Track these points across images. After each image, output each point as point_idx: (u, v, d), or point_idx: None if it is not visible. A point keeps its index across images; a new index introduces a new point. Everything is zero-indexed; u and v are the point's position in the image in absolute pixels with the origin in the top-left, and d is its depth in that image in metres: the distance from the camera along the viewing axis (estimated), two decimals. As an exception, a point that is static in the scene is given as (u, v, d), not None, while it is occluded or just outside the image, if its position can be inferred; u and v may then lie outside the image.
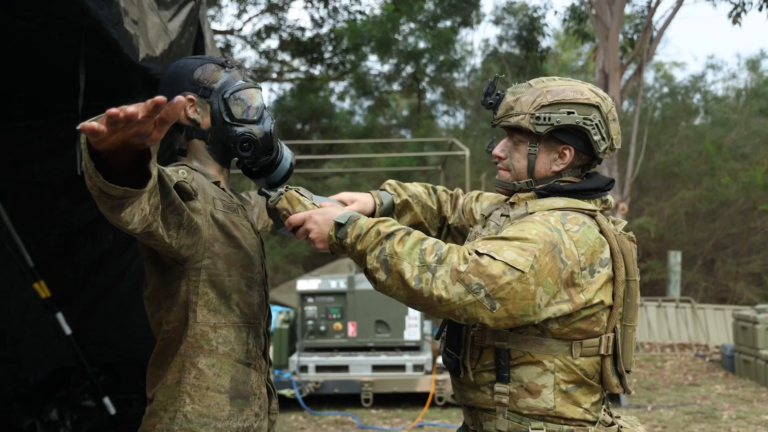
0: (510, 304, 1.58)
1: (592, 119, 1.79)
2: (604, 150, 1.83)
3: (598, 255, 1.72)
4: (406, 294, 1.60)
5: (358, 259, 1.67)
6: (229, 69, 1.96)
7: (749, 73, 19.20)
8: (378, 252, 1.63)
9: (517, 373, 1.76)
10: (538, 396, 1.74)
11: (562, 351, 1.73)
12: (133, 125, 1.19)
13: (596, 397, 1.80)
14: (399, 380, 6.58)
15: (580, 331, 1.73)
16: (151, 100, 1.16)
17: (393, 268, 1.60)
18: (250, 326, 1.91)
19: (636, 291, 1.79)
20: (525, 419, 1.76)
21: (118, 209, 1.40)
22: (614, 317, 1.76)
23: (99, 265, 5.09)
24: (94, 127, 1.16)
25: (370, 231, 1.66)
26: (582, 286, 1.69)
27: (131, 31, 2.38)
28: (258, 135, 1.95)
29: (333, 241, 1.73)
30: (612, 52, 11.46)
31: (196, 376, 1.82)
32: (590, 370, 1.76)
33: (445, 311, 1.58)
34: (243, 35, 17.30)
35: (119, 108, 1.15)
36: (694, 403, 6.74)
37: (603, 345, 1.75)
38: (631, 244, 1.82)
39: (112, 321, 5.08)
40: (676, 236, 13.75)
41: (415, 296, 1.59)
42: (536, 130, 1.79)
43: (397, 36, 16.98)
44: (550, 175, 1.85)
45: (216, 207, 1.84)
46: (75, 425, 5.01)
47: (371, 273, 1.64)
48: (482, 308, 1.57)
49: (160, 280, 1.84)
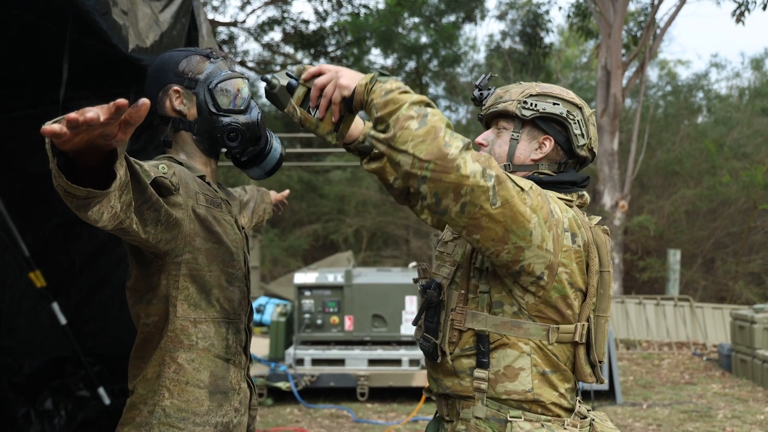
0: (509, 209, 1.61)
1: (574, 115, 1.89)
2: (582, 146, 1.90)
3: (575, 228, 1.77)
4: (429, 149, 1.57)
5: (383, 105, 1.64)
6: (215, 60, 1.97)
7: (753, 72, 19.16)
8: (421, 107, 1.62)
9: (496, 357, 1.78)
10: (516, 379, 1.76)
11: (539, 335, 1.76)
12: (97, 127, 1.19)
13: (569, 385, 1.83)
14: (395, 374, 6.59)
15: (555, 312, 1.76)
16: (113, 102, 1.15)
17: (429, 123, 1.59)
18: (230, 322, 1.91)
19: (609, 282, 1.83)
20: (503, 407, 1.77)
21: (84, 208, 1.41)
22: (587, 306, 1.80)
23: (95, 256, 5.09)
24: (55, 130, 1.16)
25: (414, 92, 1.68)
26: (562, 245, 1.73)
27: (120, 22, 2.37)
28: (244, 124, 1.95)
29: (366, 81, 1.71)
30: (615, 49, 11.44)
31: (175, 371, 1.82)
32: (562, 357, 1.79)
33: (453, 181, 1.57)
34: (246, 27, 17.30)
35: (79, 112, 1.15)
36: (689, 402, 6.74)
37: (578, 332, 1.78)
38: (605, 236, 1.86)
39: (107, 312, 5.08)
40: (676, 235, 13.74)
41: (437, 153, 1.56)
42: (522, 114, 1.87)
43: (400, 30, 16.96)
44: (529, 163, 1.90)
45: (198, 202, 1.84)
46: (69, 415, 5.02)
47: (403, 119, 1.60)
48: (486, 198, 1.58)
49: (140, 273, 1.84)
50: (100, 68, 3.61)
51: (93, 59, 3.25)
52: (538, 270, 1.71)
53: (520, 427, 1.74)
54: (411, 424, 5.92)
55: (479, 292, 1.80)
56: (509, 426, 1.74)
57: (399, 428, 5.77)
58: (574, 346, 1.80)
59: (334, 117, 1.79)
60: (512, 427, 1.74)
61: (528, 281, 1.73)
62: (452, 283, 1.86)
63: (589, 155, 1.94)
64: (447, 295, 1.85)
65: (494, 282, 1.78)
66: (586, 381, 1.82)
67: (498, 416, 1.77)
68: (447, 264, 1.91)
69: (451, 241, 1.95)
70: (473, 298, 1.81)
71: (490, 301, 1.78)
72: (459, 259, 1.86)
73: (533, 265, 1.70)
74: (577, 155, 1.91)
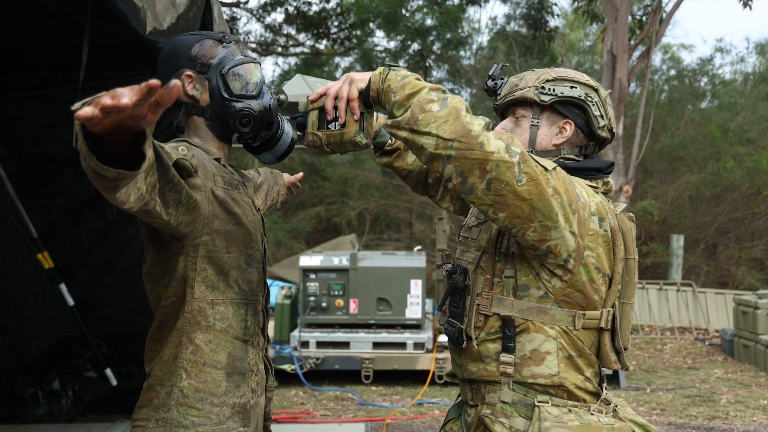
0: (534, 186, 1.62)
1: (592, 97, 1.91)
2: (602, 127, 1.91)
3: (603, 213, 1.78)
4: (453, 128, 1.59)
5: (401, 88, 1.67)
6: (227, 44, 1.95)
7: (758, 57, 19.05)
8: (440, 92, 1.66)
9: (521, 341, 1.79)
10: (542, 363, 1.77)
11: (565, 321, 1.77)
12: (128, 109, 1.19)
13: (594, 369, 1.84)
14: (399, 358, 6.61)
15: (582, 297, 1.76)
16: (145, 83, 1.15)
17: (450, 104, 1.62)
18: (249, 303, 1.92)
19: (634, 269, 1.84)
20: (530, 391, 1.78)
21: (113, 189, 1.40)
22: (613, 293, 1.81)
23: (102, 237, 5.11)
24: (88, 114, 1.15)
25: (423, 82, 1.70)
26: (588, 229, 1.73)
27: (139, 4, 2.36)
28: (257, 110, 1.94)
29: (380, 72, 1.74)
30: (621, 33, 11.38)
31: (192, 352, 1.82)
32: (588, 343, 1.80)
33: (478, 157, 1.59)
34: (249, 8, 17.19)
35: (111, 95, 1.14)
36: (692, 387, 6.77)
37: (603, 318, 1.79)
38: (630, 224, 1.87)
39: (114, 293, 5.11)
40: (680, 220, 13.73)
41: (461, 131, 1.59)
42: (541, 99, 1.89)
43: (404, 12, 16.85)
44: (551, 148, 1.91)
45: (216, 183, 1.84)
46: (77, 395, 5.05)
47: (424, 102, 1.63)
48: (512, 174, 1.60)
49: (158, 256, 1.84)
50: (113, 52, 3.60)
51: (107, 43, 3.23)
52: (564, 252, 1.71)
53: (548, 411, 1.74)
54: (416, 407, 5.95)
55: (504, 276, 1.81)
56: (537, 411, 1.75)
57: (404, 411, 5.80)
58: (599, 332, 1.81)
59: (356, 115, 1.80)
60: (540, 411, 1.74)
61: (555, 264, 1.73)
62: (477, 267, 1.86)
63: (609, 135, 1.95)
64: (473, 280, 1.86)
65: (521, 265, 1.79)
66: (611, 367, 1.83)
67: (525, 401, 1.78)
68: (472, 249, 1.91)
69: (475, 226, 1.95)
70: (498, 283, 1.82)
71: (515, 285, 1.79)
72: (484, 244, 1.87)
73: (559, 247, 1.70)
74: (597, 136, 1.92)
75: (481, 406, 1.85)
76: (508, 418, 1.77)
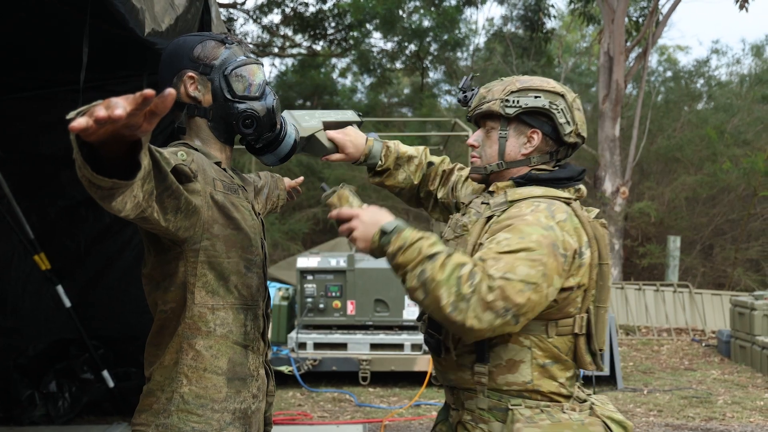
0: (530, 313, 1.68)
1: (557, 105, 1.91)
2: (570, 133, 1.93)
3: (583, 239, 1.80)
4: (440, 317, 1.65)
5: (397, 268, 1.72)
6: (230, 45, 1.94)
7: (754, 59, 19.11)
8: (419, 272, 1.66)
9: (496, 351, 1.83)
10: (516, 371, 1.81)
11: (538, 330, 1.81)
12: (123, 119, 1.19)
13: (570, 373, 1.87)
14: (397, 359, 6.61)
15: (558, 311, 1.80)
16: (139, 93, 1.14)
17: (431, 292, 1.64)
18: (249, 308, 1.91)
19: (608, 274, 1.88)
20: (504, 396, 1.82)
21: (109, 198, 1.40)
22: (588, 299, 1.84)
23: (100, 239, 5.09)
24: (82, 125, 1.15)
25: (413, 246, 1.69)
26: (572, 272, 1.77)
27: (137, 5, 2.35)
28: (260, 111, 1.93)
29: (375, 245, 1.76)
30: (617, 34, 11.40)
31: (193, 358, 1.81)
32: (563, 348, 1.84)
33: (475, 336, 1.66)
34: (245, 9, 17.18)
35: (105, 105, 1.14)
36: (689, 388, 6.78)
37: (577, 324, 1.83)
38: (603, 230, 1.90)
39: (112, 295, 5.09)
40: (676, 221, 13.76)
41: (447, 321, 1.64)
42: (505, 112, 1.91)
43: (401, 13, 16.86)
44: (520, 158, 1.94)
45: (216, 188, 1.83)
46: (73, 397, 5.04)
47: (411, 290, 1.69)
48: (508, 326, 1.65)
49: (157, 260, 1.83)
50: (113, 53, 3.59)
51: (107, 43, 3.22)
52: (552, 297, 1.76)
53: (521, 414, 1.79)
54: (413, 408, 5.95)
55: None
56: (510, 414, 1.80)
57: (401, 412, 5.80)
58: (574, 336, 1.85)
59: None
60: (513, 414, 1.79)
61: None
62: None
63: (579, 140, 1.97)
64: None
65: None
66: (586, 369, 1.88)
67: (499, 405, 1.83)
68: None
69: (452, 239, 1.99)
70: None
71: None
72: None
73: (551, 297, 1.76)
74: (565, 143, 1.94)
75: (461, 411, 1.90)
76: (486, 423, 1.83)
